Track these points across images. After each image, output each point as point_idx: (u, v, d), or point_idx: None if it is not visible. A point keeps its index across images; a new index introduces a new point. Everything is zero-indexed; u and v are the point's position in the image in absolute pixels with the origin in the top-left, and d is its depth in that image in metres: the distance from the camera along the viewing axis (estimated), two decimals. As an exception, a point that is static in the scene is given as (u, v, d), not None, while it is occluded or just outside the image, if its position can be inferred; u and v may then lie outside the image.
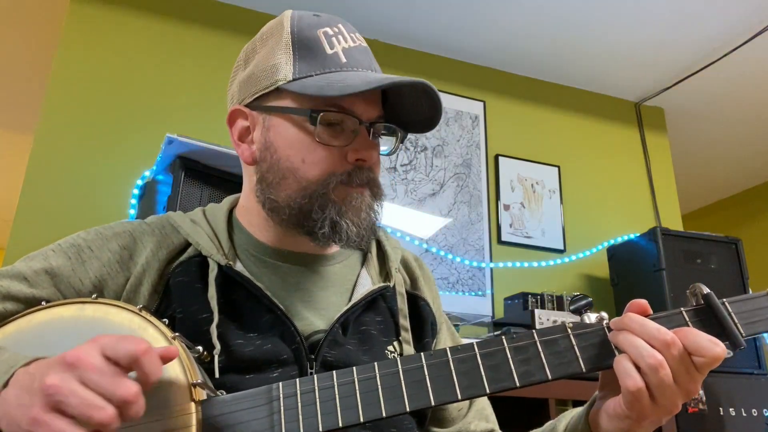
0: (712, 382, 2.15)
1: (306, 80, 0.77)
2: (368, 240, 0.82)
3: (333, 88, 0.74)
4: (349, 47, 0.80)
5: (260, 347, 0.75)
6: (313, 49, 0.79)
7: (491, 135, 2.90)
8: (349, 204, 0.78)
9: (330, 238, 0.78)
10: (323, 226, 0.77)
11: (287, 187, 0.78)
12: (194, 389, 0.62)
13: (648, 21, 2.66)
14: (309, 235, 0.79)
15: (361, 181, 0.79)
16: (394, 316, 0.86)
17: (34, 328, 0.70)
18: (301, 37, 0.79)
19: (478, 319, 2.48)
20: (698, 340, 0.61)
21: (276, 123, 0.80)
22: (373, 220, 0.81)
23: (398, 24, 2.72)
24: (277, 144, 0.79)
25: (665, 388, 0.61)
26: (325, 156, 0.77)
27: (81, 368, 0.53)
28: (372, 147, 0.79)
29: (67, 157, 2.15)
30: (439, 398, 0.63)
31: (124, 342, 0.55)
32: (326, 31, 0.80)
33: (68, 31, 2.30)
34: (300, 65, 0.78)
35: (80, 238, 0.81)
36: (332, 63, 0.78)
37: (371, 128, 0.79)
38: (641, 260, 2.44)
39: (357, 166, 0.79)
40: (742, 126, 3.47)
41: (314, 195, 0.77)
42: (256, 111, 0.82)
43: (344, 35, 0.81)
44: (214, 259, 0.80)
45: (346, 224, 0.77)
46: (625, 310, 0.67)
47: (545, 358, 0.65)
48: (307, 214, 0.78)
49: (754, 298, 0.67)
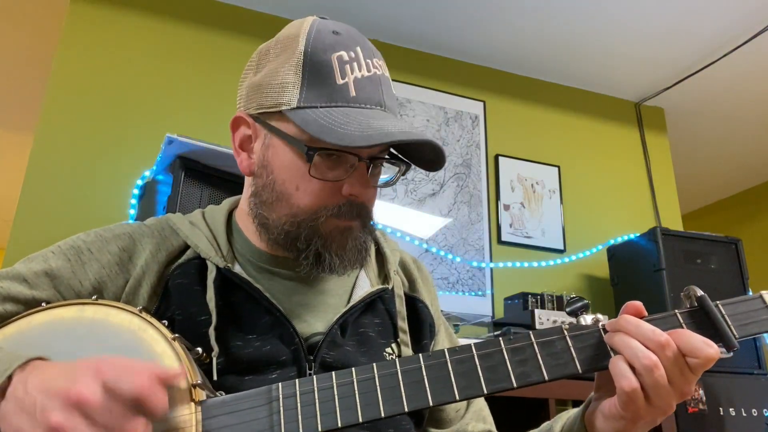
0: (712, 382, 2.15)
1: (309, 112, 0.74)
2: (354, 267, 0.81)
3: (332, 134, 0.71)
4: (361, 77, 0.77)
5: (259, 349, 0.75)
6: (324, 76, 0.76)
7: (491, 135, 2.90)
8: (336, 237, 0.78)
9: (314, 268, 0.78)
10: (308, 257, 0.77)
11: (279, 210, 0.78)
12: (194, 390, 0.62)
13: (648, 21, 2.66)
14: (295, 259, 0.79)
15: (351, 216, 0.78)
16: (392, 318, 0.87)
17: (34, 329, 0.70)
18: (313, 60, 0.76)
19: (478, 320, 2.48)
20: (692, 341, 0.62)
21: (276, 144, 0.78)
22: (359, 249, 0.80)
23: (398, 24, 2.72)
24: (274, 165, 0.78)
25: (660, 389, 0.61)
26: (320, 188, 0.76)
27: (85, 407, 0.54)
28: (367, 185, 0.78)
29: (67, 157, 2.15)
30: (437, 399, 0.63)
31: (126, 378, 0.55)
32: (341, 56, 0.77)
33: (68, 31, 2.30)
34: (307, 92, 0.75)
35: (80, 239, 0.81)
36: (340, 96, 0.75)
37: (371, 164, 0.78)
38: (641, 260, 2.44)
39: (350, 200, 0.77)
40: (742, 125, 3.47)
41: (302, 224, 0.77)
42: (259, 124, 0.80)
43: (360, 62, 0.77)
44: (212, 261, 0.80)
45: (329, 256, 0.77)
46: (620, 312, 0.68)
47: (542, 359, 0.65)
48: (293, 241, 0.78)
49: (748, 301, 0.67)
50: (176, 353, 0.65)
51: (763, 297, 0.67)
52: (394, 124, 0.73)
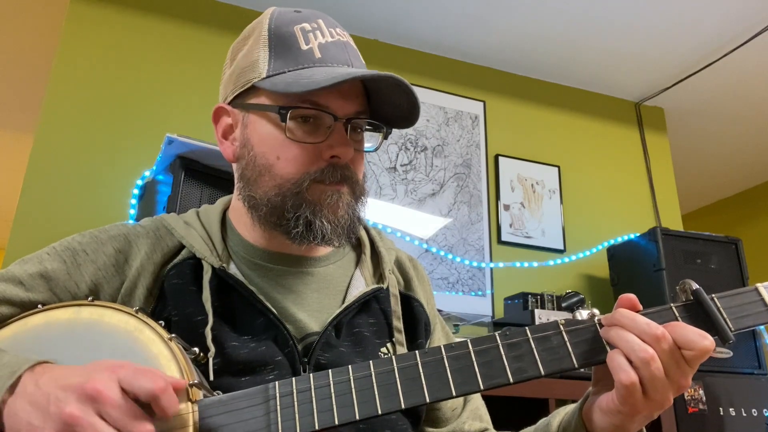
0: (712, 382, 2.15)
1: (277, 77, 0.77)
2: (348, 238, 0.81)
3: (299, 84, 0.74)
4: (326, 42, 0.80)
5: (254, 350, 0.75)
6: (288, 45, 0.79)
7: (491, 135, 2.90)
8: (324, 202, 0.77)
9: (305, 238, 0.77)
10: (297, 225, 0.77)
11: (263, 184, 0.79)
12: (191, 389, 0.62)
13: (648, 21, 2.65)
14: (285, 234, 0.79)
15: (336, 178, 0.78)
16: (387, 318, 0.86)
17: (31, 330, 0.70)
18: (278, 33, 0.80)
19: (478, 319, 2.48)
20: (687, 333, 0.62)
21: (253, 120, 0.81)
22: (352, 218, 0.80)
23: (398, 24, 2.72)
24: (253, 141, 0.80)
25: (657, 382, 0.62)
26: (299, 153, 0.77)
27: (101, 402, 0.54)
28: (347, 143, 0.78)
29: (67, 157, 2.15)
30: (433, 395, 0.64)
31: (143, 377, 0.56)
32: (304, 26, 0.80)
33: (68, 31, 2.30)
34: (275, 62, 0.78)
35: (75, 241, 0.81)
36: (305, 59, 0.78)
37: (348, 124, 0.78)
38: (641, 260, 2.44)
39: (332, 163, 0.78)
40: (742, 125, 3.47)
41: (288, 193, 0.77)
42: (237, 108, 0.83)
43: (322, 30, 0.81)
44: (207, 261, 0.80)
45: (320, 223, 0.77)
46: (614, 305, 0.68)
47: (538, 354, 0.65)
48: (281, 212, 0.77)
49: (743, 294, 0.67)
50: (173, 353, 0.65)
51: (758, 289, 0.67)
52: (357, 70, 0.76)
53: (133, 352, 0.66)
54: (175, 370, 0.63)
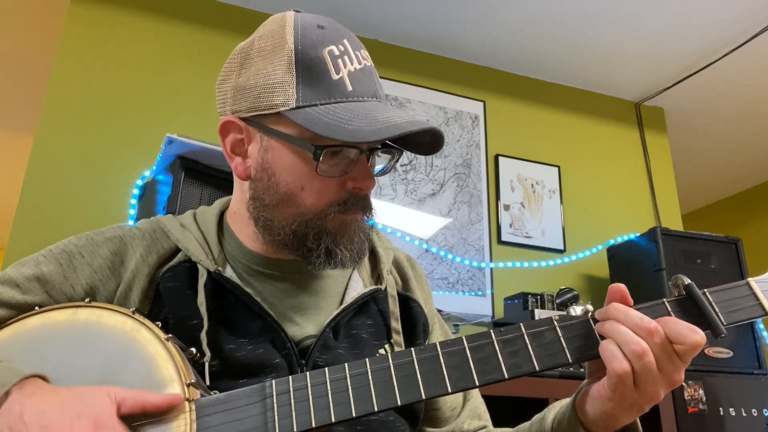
0: (712, 382, 2.14)
1: (310, 111, 0.73)
2: (361, 259, 0.81)
3: (341, 131, 0.70)
4: (355, 70, 0.76)
5: (252, 352, 0.75)
6: (318, 72, 0.74)
7: (491, 135, 2.90)
8: (344, 232, 0.78)
9: (325, 265, 0.78)
10: (319, 255, 0.77)
11: (284, 211, 0.77)
12: (188, 389, 0.62)
13: (648, 21, 2.65)
14: (304, 258, 0.79)
15: (357, 209, 0.78)
16: (385, 319, 0.86)
17: (29, 332, 0.71)
18: (305, 57, 0.75)
19: (478, 319, 2.48)
20: (678, 328, 0.63)
21: (275, 146, 0.77)
22: (365, 239, 0.81)
23: (398, 24, 2.72)
24: (275, 167, 0.77)
25: (649, 375, 0.62)
26: (325, 186, 0.76)
27: None
28: (369, 176, 0.78)
29: (67, 157, 2.15)
30: (429, 392, 0.64)
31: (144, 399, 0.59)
32: (332, 50, 0.75)
33: (68, 31, 2.31)
34: (304, 91, 0.74)
35: (71, 243, 0.81)
36: (338, 92, 0.74)
37: (370, 155, 0.78)
38: (641, 260, 2.44)
39: (353, 194, 0.77)
40: (742, 125, 3.47)
41: (310, 223, 0.76)
42: (253, 127, 0.78)
43: (350, 55, 0.77)
44: (203, 264, 0.79)
45: (341, 252, 0.77)
46: (606, 297, 0.69)
47: (532, 350, 0.66)
48: (302, 240, 0.77)
49: (735, 288, 0.68)
50: (170, 353, 0.65)
51: (749, 284, 0.68)
52: (399, 115, 0.73)
53: (130, 353, 0.66)
54: (172, 370, 0.63)
